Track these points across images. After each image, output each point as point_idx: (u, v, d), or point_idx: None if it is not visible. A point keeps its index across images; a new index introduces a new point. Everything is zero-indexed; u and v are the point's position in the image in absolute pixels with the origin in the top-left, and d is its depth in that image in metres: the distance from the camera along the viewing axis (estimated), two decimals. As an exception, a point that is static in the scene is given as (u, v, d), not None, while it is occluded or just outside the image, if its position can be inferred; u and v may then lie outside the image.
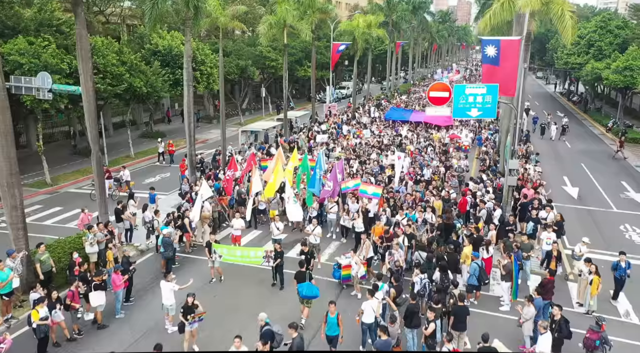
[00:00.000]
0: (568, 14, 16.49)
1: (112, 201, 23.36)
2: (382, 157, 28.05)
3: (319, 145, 31.07)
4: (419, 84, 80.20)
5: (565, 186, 28.83)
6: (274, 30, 32.26)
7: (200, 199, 18.36)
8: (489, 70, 21.76)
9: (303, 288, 13.87)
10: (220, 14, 24.86)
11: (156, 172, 31.29)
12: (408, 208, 19.57)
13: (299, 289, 14.03)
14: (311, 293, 13.84)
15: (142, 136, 41.56)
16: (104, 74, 29.83)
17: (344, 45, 43.80)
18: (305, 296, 13.85)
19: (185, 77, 22.73)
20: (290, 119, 37.49)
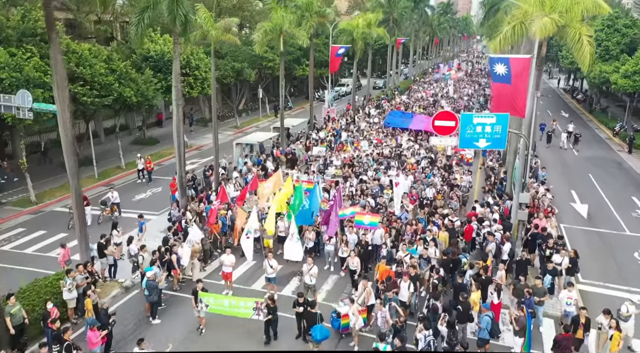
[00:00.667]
0: (586, 38, 15.12)
1: (98, 227, 22.24)
2: (380, 174, 26.73)
3: (315, 159, 29.71)
4: (419, 80, 78.58)
5: (573, 203, 27.59)
6: (270, 37, 30.78)
7: (189, 244, 17.12)
8: (499, 89, 20.53)
9: (316, 333, 13.69)
10: (211, 27, 23.42)
11: (147, 186, 30.00)
12: (409, 243, 18.30)
13: (312, 334, 13.78)
14: (324, 336, 13.80)
15: (134, 142, 40.21)
16: (92, 84, 28.47)
17: (343, 48, 42.29)
18: (319, 340, 13.69)
19: (174, 95, 21.37)
20: (287, 127, 36.11)
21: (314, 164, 28.58)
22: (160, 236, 20.97)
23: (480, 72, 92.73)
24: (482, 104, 52.78)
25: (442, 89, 63.50)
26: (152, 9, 19.71)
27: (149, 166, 30.71)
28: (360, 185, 25.04)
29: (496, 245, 17.94)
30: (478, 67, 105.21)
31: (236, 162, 30.39)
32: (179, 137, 21.78)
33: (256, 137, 31.35)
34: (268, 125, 49.75)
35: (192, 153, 38.99)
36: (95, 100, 28.33)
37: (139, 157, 30.99)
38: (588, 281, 18.89)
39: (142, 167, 30.64)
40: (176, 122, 21.58)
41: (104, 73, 29.01)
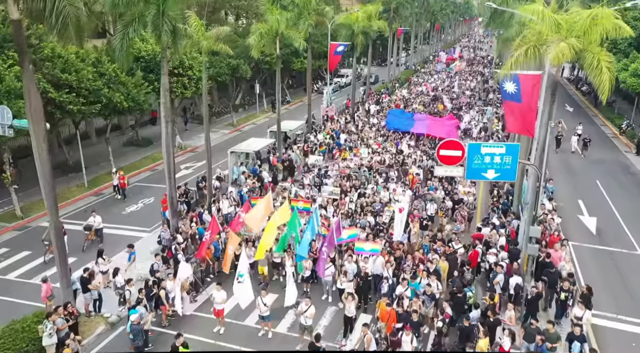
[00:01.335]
0: (605, 64, 13.89)
1: (83, 254, 21.21)
2: (380, 188, 25.59)
3: (311, 169, 28.50)
4: (420, 71, 76.94)
5: (581, 215, 26.56)
6: (266, 40, 29.37)
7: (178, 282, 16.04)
8: (510, 107, 19.46)
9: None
10: (201, 37, 22.06)
11: (138, 197, 28.86)
12: (411, 277, 17.26)
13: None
14: None
15: (127, 144, 38.99)
16: (79, 90, 27.18)
17: (342, 46, 40.77)
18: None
19: (162, 113, 20.14)
20: (284, 131, 34.85)
21: (309, 176, 27.34)
22: (151, 259, 20.00)
23: (482, 59, 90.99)
24: (484, 100, 51.39)
25: (442, 82, 62.00)
26: (137, 22, 18.39)
27: (122, 182, 28.31)
28: (360, 201, 23.92)
29: (504, 277, 16.95)
30: (480, 54, 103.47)
31: (231, 171, 29.23)
32: (168, 155, 20.60)
33: (252, 145, 30.08)
34: (265, 123, 48.44)
35: (186, 155, 37.86)
36: (83, 107, 27.10)
37: (113, 171, 28.96)
38: (599, 312, 17.85)
39: (116, 183, 28.47)
40: (165, 140, 20.37)
41: (91, 78, 27.73)
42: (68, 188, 29.34)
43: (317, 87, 63.93)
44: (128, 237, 23.23)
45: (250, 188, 26.23)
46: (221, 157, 34.36)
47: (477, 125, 39.24)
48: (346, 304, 16.08)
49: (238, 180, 29.04)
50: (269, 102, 54.56)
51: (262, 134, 41.76)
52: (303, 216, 21.92)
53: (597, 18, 14.02)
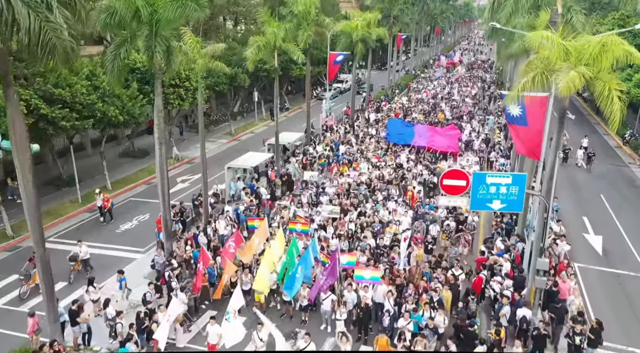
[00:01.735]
0: (616, 93, 13.27)
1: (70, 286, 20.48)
2: (379, 207, 24.95)
3: (308, 187, 27.80)
4: (419, 75, 76.24)
5: (586, 234, 25.96)
6: (264, 53, 28.73)
7: (167, 317, 15.39)
8: (515, 131, 18.85)
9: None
10: (197, 55, 21.40)
11: (132, 213, 28.21)
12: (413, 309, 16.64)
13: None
14: None
15: (122, 155, 38.33)
16: (72, 105, 26.53)
17: (341, 55, 40.14)
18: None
19: (156, 135, 19.47)
20: (283, 144, 34.22)
21: (306, 193, 26.67)
22: (144, 284, 19.41)
23: (482, 64, 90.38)
24: (485, 108, 50.66)
25: (443, 88, 61.30)
26: (130, 42, 17.76)
27: (106, 204, 26.66)
28: (360, 221, 23.28)
29: (510, 309, 16.33)
30: (480, 57, 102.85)
31: (228, 186, 28.59)
32: (162, 178, 19.95)
33: (249, 160, 29.40)
34: (264, 131, 47.88)
35: (183, 167, 37.21)
36: (76, 123, 26.47)
37: (97, 192, 27.22)
38: (609, 344, 17.13)
39: (100, 204, 26.72)
40: (159, 162, 19.72)
41: (85, 92, 27.08)
42: (61, 204, 28.68)
43: (317, 93, 63.30)
44: (121, 259, 22.64)
45: (248, 206, 25.57)
46: (218, 169, 33.77)
47: (478, 137, 38.53)
48: (341, 346, 15.36)
49: (235, 195, 28.44)
50: (267, 110, 53.90)
51: (260, 144, 41.18)
52: (301, 238, 21.34)
53: (607, 45, 13.40)
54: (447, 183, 15.15)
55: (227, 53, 45.23)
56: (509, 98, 14.80)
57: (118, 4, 16.81)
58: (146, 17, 17.13)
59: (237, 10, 58.60)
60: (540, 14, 23.17)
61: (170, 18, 17.19)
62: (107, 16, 17.47)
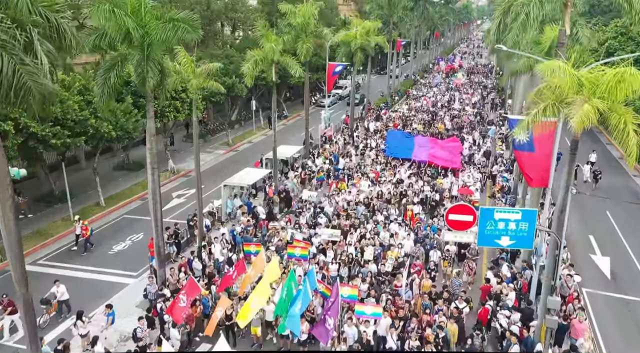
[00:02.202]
0: (632, 127, 12.53)
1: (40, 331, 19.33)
2: (380, 228, 24.20)
3: (307, 207, 27.00)
4: (419, 81, 75.36)
5: (593, 254, 25.24)
6: (261, 68, 27.98)
7: None
8: (520, 157, 18.12)
9: None
10: (191, 74, 20.63)
11: (126, 232, 27.41)
12: (416, 339, 15.94)
13: None
14: None
15: (117, 168, 37.49)
16: (63, 122, 25.74)
17: (340, 66, 39.49)
18: None
19: (148, 159, 18.72)
20: (281, 159, 33.44)
21: (306, 214, 25.88)
22: (136, 314, 18.69)
23: (483, 68, 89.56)
24: (487, 118, 49.64)
25: (442, 95, 60.45)
26: (121, 65, 17.00)
27: (85, 233, 24.70)
28: (360, 244, 22.52)
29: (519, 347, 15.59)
30: (480, 61, 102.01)
31: (224, 204, 27.82)
32: (155, 203, 19.17)
33: (246, 177, 28.59)
34: (262, 141, 47.17)
35: (179, 181, 36.39)
36: (67, 140, 25.69)
37: (76, 219, 25.30)
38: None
39: (78, 232, 24.79)
40: (151, 187, 18.95)
41: (77, 108, 26.29)
42: (52, 223, 27.83)
43: (315, 100, 62.49)
44: (113, 285, 21.88)
45: (245, 226, 24.79)
46: (215, 183, 33.22)
47: (479, 150, 37.67)
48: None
49: (232, 214, 27.70)
50: (265, 117, 53.04)
51: (259, 155, 40.29)
52: (300, 264, 20.61)
53: (622, 76, 12.65)
54: (453, 218, 14.39)
55: (224, 62, 44.60)
56: (518, 129, 14.04)
57: (107, 25, 16.00)
58: (137, 40, 16.37)
59: (235, 17, 57.86)
60: (545, 30, 22.52)
61: (162, 40, 16.42)
62: (97, 37, 16.74)
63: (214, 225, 26.93)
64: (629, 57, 18.93)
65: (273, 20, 66.00)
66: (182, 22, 16.37)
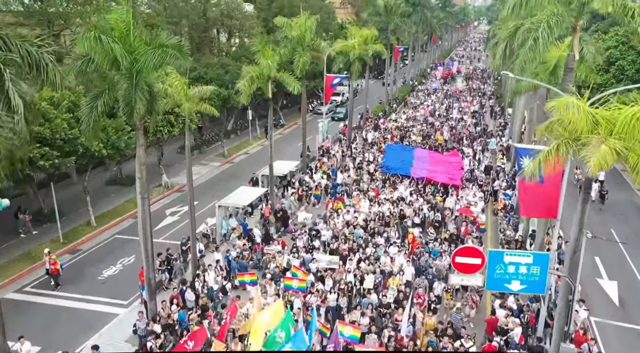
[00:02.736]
0: (653, 168, 11.75)
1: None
2: (379, 251, 23.37)
3: (300, 229, 26.10)
4: (417, 87, 74.45)
5: (600, 278, 24.47)
6: (257, 84, 27.12)
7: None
8: (524, 187, 17.32)
9: None
10: (184, 98, 19.76)
11: (117, 254, 26.44)
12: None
13: None
14: None
15: (109, 182, 36.51)
16: (52, 141, 24.83)
17: (338, 78, 38.69)
18: None
19: (138, 188, 17.86)
20: (278, 175, 32.57)
21: (303, 237, 24.99)
22: (125, 348, 17.86)
23: (481, 73, 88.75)
24: (486, 130, 48.55)
25: (441, 103, 59.53)
26: (108, 93, 16.13)
27: (54, 269, 22.78)
28: (360, 272, 21.67)
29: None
30: (477, 65, 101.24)
31: (219, 225, 26.95)
32: (145, 232, 18.29)
33: (242, 197, 27.67)
34: (258, 152, 46.30)
35: (173, 196, 35.43)
36: (56, 161, 24.78)
37: (46, 252, 23.21)
38: None
39: (47, 267, 22.87)
40: (142, 218, 18.08)
41: (67, 126, 25.38)
42: (40, 245, 26.86)
43: (312, 107, 61.62)
44: (101, 315, 20.97)
45: (241, 250, 23.93)
46: (211, 197, 32.40)
47: (480, 165, 36.70)
48: None
49: (227, 235, 26.85)
50: (262, 126, 52.06)
51: (255, 167, 39.59)
52: (298, 296, 19.76)
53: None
54: (460, 261, 13.60)
55: (219, 72, 43.68)
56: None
57: (93, 52, 15.12)
58: (126, 67, 15.50)
59: (230, 24, 56.96)
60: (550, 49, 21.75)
61: (152, 67, 15.56)
62: (83, 63, 15.86)
63: (208, 247, 26.07)
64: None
65: (270, 26, 65.37)
66: (172, 48, 15.51)
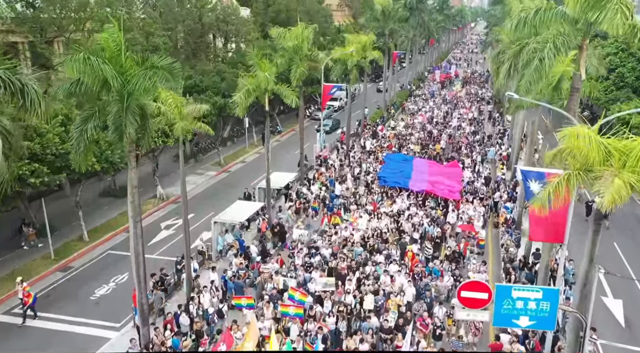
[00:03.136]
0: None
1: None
2: (379, 270, 22.77)
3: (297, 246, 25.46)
4: (414, 91, 73.69)
5: (605, 297, 23.93)
6: (253, 97, 26.51)
7: None
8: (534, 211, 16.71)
9: None
10: (177, 116, 19.13)
11: (110, 272, 25.73)
12: None
13: None
14: None
15: (103, 194, 35.80)
16: (42, 157, 24.17)
17: (335, 88, 38.20)
18: None
19: (130, 212, 17.23)
20: (275, 188, 31.98)
21: (300, 255, 24.33)
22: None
23: (479, 77, 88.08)
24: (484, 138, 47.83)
25: (438, 109, 58.90)
26: (99, 115, 15.51)
27: (27, 300, 21.22)
28: (360, 294, 21.04)
29: None
30: (475, 68, 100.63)
31: (215, 241, 26.33)
32: (137, 257, 17.66)
33: (239, 212, 26.95)
34: (255, 159, 45.74)
35: (168, 208, 34.72)
36: (45, 179, 24.12)
37: (18, 281, 21.75)
38: None
39: (20, 296, 21.40)
40: (134, 243, 17.45)
41: (58, 141, 24.72)
42: (31, 262, 26.24)
43: (310, 112, 60.98)
44: (92, 339, 20.33)
45: (237, 269, 23.29)
46: (207, 209, 32.19)
47: (479, 177, 36.02)
48: None
49: (223, 251, 26.28)
50: (259, 133, 51.40)
51: (252, 176, 39.23)
52: (295, 322, 19.17)
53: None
54: (466, 296, 13.05)
55: (214, 79, 42.98)
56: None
57: (82, 74, 14.50)
58: (116, 89, 14.88)
59: (227, 29, 56.30)
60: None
61: (143, 89, 14.95)
62: (72, 85, 15.24)
63: (204, 264, 25.49)
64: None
65: (267, 31, 64.65)
66: (164, 69, 14.89)
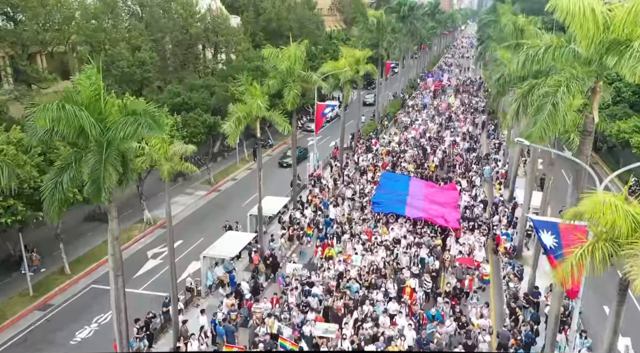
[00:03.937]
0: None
1: None
2: (378, 310, 21.65)
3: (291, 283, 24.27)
4: (407, 101, 72.61)
5: (611, 334, 22.91)
6: (244, 124, 25.29)
7: None
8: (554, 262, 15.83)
9: None
10: (163, 158, 17.86)
11: (93, 310, 24.23)
12: None
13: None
14: None
15: (87, 218, 34.35)
16: (19, 191, 22.71)
17: (329, 107, 37.07)
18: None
19: (111, 264, 15.96)
20: (267, 215, 30.79)
21: (295, 293, 23.10)
22: None
23: (471, 84, 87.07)
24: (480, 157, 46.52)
25: (432, 120, 57.82)
26: (74, 167, 14.23)
27: None
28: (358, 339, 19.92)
29: None
30: (467, 75, 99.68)
31: (204, 276, 25.07)
32: (119, 314, 16.38)
33: (229, 248, 25.34)
34: (246, 176, 44.46)
35: (156, 233, 33.26)
36: (27, 213, 22.73)
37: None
38: None
39: None
40: (115, 298, 16.17)
41: (37, 174, 23.26)
42: (8, 299, 24.78)
43: (302, 124, 59.80)
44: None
45: (229, 311, 21.99)
46: (197, 234, 31.32)
47: (476, 201, 34.77)
48: None
49: (213, 287, 25.06)
50: (250, 147, 50.02)
51: (243, 195, 38.12)
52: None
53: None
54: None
55: (204, 96, 41.58)
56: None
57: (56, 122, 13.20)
58: (95, 137, 13.62)
59: (216, 40, 55.02)
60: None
61: (124, 137, 13.70)
62: (45, 133, 13.94)
63: (192, 301, 24.26)
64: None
65: (257, 41, 63.26)
66: (145, 116, 13.65)
